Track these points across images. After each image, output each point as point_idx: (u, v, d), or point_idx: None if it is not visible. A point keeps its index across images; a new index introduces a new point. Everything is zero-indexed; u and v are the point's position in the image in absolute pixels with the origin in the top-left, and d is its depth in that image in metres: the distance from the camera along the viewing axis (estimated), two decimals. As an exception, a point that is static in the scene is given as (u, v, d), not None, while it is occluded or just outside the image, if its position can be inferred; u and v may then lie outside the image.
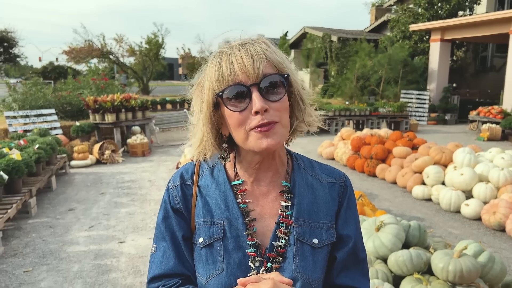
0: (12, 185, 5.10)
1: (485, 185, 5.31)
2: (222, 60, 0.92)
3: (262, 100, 0.89)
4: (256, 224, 1.00)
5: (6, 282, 3.61)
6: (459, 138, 11.79)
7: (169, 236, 1.04)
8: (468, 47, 19.53)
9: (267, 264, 0.97)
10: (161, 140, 11.50)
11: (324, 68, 23.97)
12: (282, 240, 0.98)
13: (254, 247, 0.97)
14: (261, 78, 0.90)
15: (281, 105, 0.93)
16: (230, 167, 1.06)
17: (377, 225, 3.02)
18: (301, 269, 0.97)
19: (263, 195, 1.03)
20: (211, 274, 0.97)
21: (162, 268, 1.03)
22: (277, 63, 0.94)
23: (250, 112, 0.90)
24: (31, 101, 9.91)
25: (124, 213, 5.43)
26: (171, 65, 69.24)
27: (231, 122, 0.94)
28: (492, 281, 2.77)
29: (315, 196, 1.04)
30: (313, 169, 1.10)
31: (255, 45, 0.93)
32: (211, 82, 0.93)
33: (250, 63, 0.89)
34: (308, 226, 1.00)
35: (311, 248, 0.99)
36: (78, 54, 22.15)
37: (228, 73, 0.90)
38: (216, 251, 0.98)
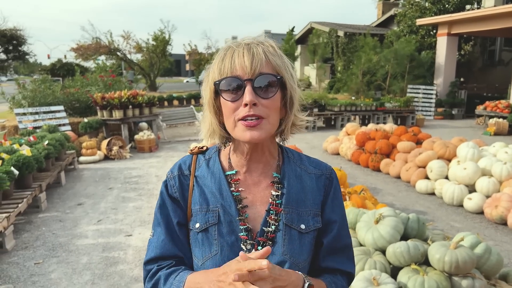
0: (22, 180, 5.23)
1: (488, 179, 5.34)
2: (227, 54, 1.02)
3: (253, 94, 0.98)
4: (248, 210, 1.09)
5: (17, 273, 3.75)
6: (465, 133, 11.76)
7: (164, 223, 1.13)
8: (476, 41, 19.38)
9: (257, 247, 1.05)
10: (168, 136, 11.63)
11: (330, 63, 23.95)
12: (272, 225, 1.07)
13: (246, 231, 1.06)
14: (257, 75, 0.99)
15: (271, 103, 1.01)
16: (225, 158, 1.15)
17: (376, 217, 3.09)
18: (289, 251, 1.05)
19: (255, 184, 1.12)
20: (207, 256, 1.07)
21: (157, 251, 1.12)
22: (275, 65, 1.02)
23: (241, 103, 0.99)
24: (40, 98, 10.07)
25: (131, 207, 5.55)
26: (178, 62, 69.36)
27: (224, 111, 1.03)
28: (489, 272, 2.83)
29: (303, 186, 1.13)
30: (302, 162, 1.18)
31: (259, 46, 1.02)
32: (213, 72, 1.04)
33: (249, 60, 0.98)
34: (296, 213, 1.09)
35: (298, 233, 1.08)
36: (86, 51, 22.36)
37: (228, 66, 1.00)
38: (211, 235, 1.07)
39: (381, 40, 18.39)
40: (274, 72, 1.02)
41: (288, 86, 1.06)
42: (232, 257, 1.02)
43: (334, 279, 1.14)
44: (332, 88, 20.48)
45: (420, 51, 17.84)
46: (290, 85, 1.06)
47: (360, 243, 3.15)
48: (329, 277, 1.14)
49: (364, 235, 3.09)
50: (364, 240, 3.08)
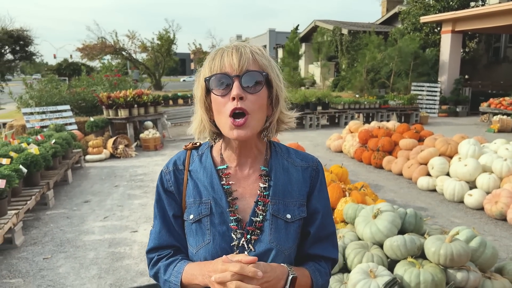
0: (30, 178, 5.36)
1: (488, 176, 5.39)
2: (217, 54, 1.11)
3: (240, 89, 1.07)
4: (238, 202, 1.18)
5: (27, 268, 3.86)
6: (469, 130, 11.78)
7: (161, 215, 1.24)
8: (481, 38, 19.32)
9: (247, 235, 1.14)
10: (173, 134, 11.75)
11: (335, 61, 23.96)
12: (260, 216, 1.16)
13: (236, 222, 1.15)
14: (244, 72, 1.08)
15: (257, 98, 1.09)
16: (217, 154, 1.24)
17: (374, 212, 3.17)
18: (275, 239, 1.14)
19: (244, 178, 1.21)
20: (200, 244, 1.16)
21: (156, 242, 1.24)
22: (262, 64, 1.11)
23: (229, 98, 1.08)
24: (47, 97, 10.22)
25: (137, 204, 5.66)
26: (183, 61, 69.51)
27: (214, 107, 1.12)
28: (484, 264, 2.90)
29: (289, 178, 1.22)
30: (289, 155, 1.27)
31: (247, 47, 1.11)
32: (204, 70, 1.13)
33: (237, 58, 1.07)
34: (283, 204, 1.18)
35: (284, 222, 1.17)
36: (91, 51, 22.55)
37: (218, 64, 1.09)
38: (204, 225, 1.16)
39: (385, 38, 18.39)
40: (260, 70, 1.10)
41: (274, 84, 1.14)
42: (224, 246, 1.13)
43: (318, 267, 1.23)
44: (336, 86, 20.51)
45: (424, 48, 17.82)
46: (276, 83, 1.14)
47: (359, 237, 3.23)
48: (313, 264, 1.23)
49: (362, 229, 3.17)
50: (362, 234, 3.16)
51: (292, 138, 10.23)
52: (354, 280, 2.65)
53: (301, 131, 12.44)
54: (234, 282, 0.97)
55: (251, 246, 1.13)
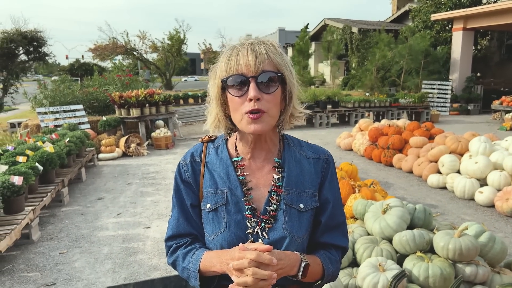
0: (46, 175, 5.49)
1: (499, 173, 5.38)
2: (233, 53, 1.15)
3: (257, 90, 1.12)
4: (252, 192, 1.24)
5: (44, 262, 3.98)
6: (481, 128, 11.69)
7: (179, 205, 1.30)
8: (493, 36, 19.11)
9: (261, 224, 1.20)
10: (184, 133, 11.86)
11: (345, 59, 23.89)
12: (274, 205, 1.21)
13: (250, 210, 1.21)
14: (260, 72, 1.12)
15: (272, 97, 1.15)
16: (232, 146, 1.30)
17: (383, 208, 3.21)
18: (289, 228, 1.20)
19: (258, 169, 1.26)
20: (217, 232, 1.22)
21: (175, 230, 1.30)
22: (277, 63, 1.15)
23: (246, 98, 1.13)
24: (61, 97, 10.39)
25: (149, 201, 5.76)
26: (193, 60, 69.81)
27: (231, 105, 1.17)
28: (493, 259, 2.92)
29: (302, 170, 1.27)
30: (301, 148, 1.33)
31: (262, 46, 1.15)
32: (220, 70, 1.17)
33: (253, 59, 1.11)
34: (296, 194, 1.23)
35: (297, 212, 1.22)
36: (103, 51, 22.80)
37: (234, 65, 1.13)
38: (220, 214, 1.22)
39: (396, 36, 18.30)
40: (275, 70, 1.14)
41: (287, 81, 1.19)
42: (239, 233, 1.19)
43: (329, 255, 1.29)
44: (346, 84, 20.47)
45: (435, 46, 17.69)
46: (289, 80, 1.19)
47: (368, 232, 3.27)
48: (324, 253, 1.28)
49: (371, 224, 3.21)
50: (371, 230, 3.20)
51: (302, 136, 10.25)
52: (363, 273, 2.70)
53: (311, 129, 12.46)
54: (251, 269, 1.03)
55: (266, 234, 1.19)
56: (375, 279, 2.64)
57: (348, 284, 2.82)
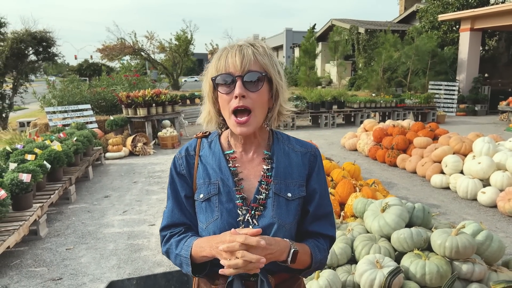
0: (54, 173, 5.61)
1: (502, 173, 5.39)
2: (222, 54, 1.25)
3: (242, 88, 1.21)
4: (243, 182, 1.32)
5: (51, 258, 4.08)
6: (487, 129, 11.64)
7: (173, 196, 1.39)
8: (501, 36, 18.98)
9: (251, 211, 1.28)
10: (190, 133, 11.95)
11: (352, 60, 23.89)
12: (263, 194, 1.29)
13: (241, 199, 1.29)
14: (246, 72, 1.21)
15: (257, 95, 1.24)
16: (225, 140, 1.39)
17: (382, 206, 3.25)
18: (277, 215, 1.28)
19: (249, 161, 1.35)
20: (210, 220, 1.30)
21: (169, 220, 1.39)
22: (263, 64, 1.25)
23: (233, 96, 1.22)
24: (69, 97, 10.55)
25: (154, 199, 5.85)
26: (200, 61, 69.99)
27: (221, 102, 1.27)
28: (490, 258, 2.96)
29: (290, 162, 1.36)
30: (290, 142, 1.42)
31: (250, 48, 1.24)
32: (211, 69, 1.28)
33: (240, 60, 1.21)
34: (284, 184, 1.31)
35: (285, 200, 1.30)
36: (111, 51, 23.03)
37: (223, 65, 1.23)
38: (213, 203, 1.30)
39: (403, 37, 18.26)
40: (261, 70, 1.23)
41: (274, 81, 1.27)
42: (230, 221, 1.27)
43: (317, 243, 1.36)
44: (353, 85, 20.47)
45: (442, 47, 17.62)
46: (276, 80, 1.28)
47: (367, 230, 3.32)
48: (313, 241, 1.36)
49: (370, 222, 3.26)
50: (370, 228, 3.25)
51: (307, 136, 10.31)
52: (361, 270, 2.75)
53: (317, 129, 12.50)
54: (241, 252, 1.11)
55: (255, 221, 1.27)
56: (372, 275, 2.69)
57: (346, 280, 2.88)
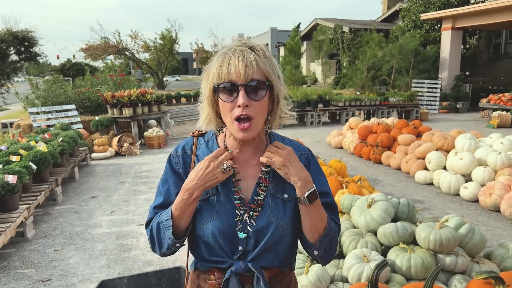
0: (39, 174, 5.55)
1: (483, 169, 5.54)
2: (224, 60, 1.23)
3: (245, 97, 1.21)
4: (241, 183, 1.34)
5: (39, 259, 4.05)
6: (468, 126, 11.90)
7: (165, 193, 1.39)
8: (481, 35, 19.40)
9: (249, 212, 1.31)
10: (176, 132, 11.93)
11: (336, 59, 24.09)
12: (261, 195, 1.32)
13: (239, 200, 1.31)
14: (249, 81, 1.20)
15: (260, 104, 1.24)
16: (221, 141, 1.39)
17: (368, 202, 3.33)
18: (274, 215, 1.31)
19: (246, 162, 1.37)
20: (208, 219, 1.31)
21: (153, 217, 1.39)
22: (265, 71, 1.23)
23: (235, 104, 1.22)
24: (53, 97, 10.42)
25: (142, 199, 5.85)
26: (185, 60, 69.58)
27: (222, 108, 1.26)
28: (472, 250, 3.06)
29: None
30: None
31: (252, 54, 1.22)
32: (213, 75, 1.25)
33: (243, 68, 1.19)
34: (281, 186, 1.34)
35: (282, 201, 1.33)
36: (95, 51, 22.74)
37: (226, 72, 1.21)
38: (211, 203, 1.32)
39: (386, 36, 18.51)
40: (263, 77, 1.23)
41: (275, 87, 1.27)
42: (229, 220, 1.30)
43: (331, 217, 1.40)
44: (337, 83, 20.64)
45: (424, 45, 17.93)
46: (277, 86, 1.27)
47: (354, 225, 3.40)
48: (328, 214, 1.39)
49: (357, 218, 3.33)
50: (357, 223, 3.33)
51: (293, 135, 10.39)
52: (348, 264, 2.82)
53: (302, 128, 12.60)
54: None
55: (253, 221, 1.30)
56: (359, 269, 2.76)
57: (334, 274, 2.94)
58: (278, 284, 1.38)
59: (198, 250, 1.37)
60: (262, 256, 1.31)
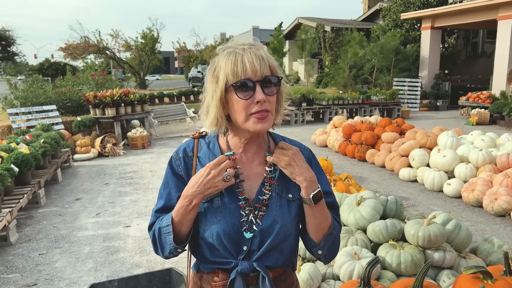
0: (22, 177, 5.43)
1: (465, 165, 5.67)
2: (237, 58, 1.22)
3: (262, 93, 1.22)
4: (244, 183, 1.33)
5: (23, 263, 3.96)
6: (448, 124, 12.14)
7: (166, 196, 1.38)
8: (459, 34, 19.82)
9: (254, 211, 1.30)
10: (160, 132, 11.83)
11: (319, 58, 24.24)
12: (266, 194, 1.32)
13: (244, 200, 1.31)
14: (264, 77, 1.22)
15: (273, 99, 1.26)
16: (223, 142, 1.38)
17: (357, 200, 3.37)
18: (279, 215, 1.31)
19: (249, 162, 1.36)
20: (213, 221, 1.30)
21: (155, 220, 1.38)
22: (272, 67, 1.26)
23: (252, 101, 1.22)
24: (32, 98, 10.20)
25: (128, 201, 5.78)
26: (167, 59, 69.02)
27: (237, 107, 1.25)
28: (459, 245, 3.13)
29: None
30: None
31: (260, 50, 1.24)
32: (226, 75, 1.23)
33: (258, 65, 1.21)
34: (286, 186, 1.34)
35: (287, 201, 1.34)
36: (74, 50, 22.38)
37: (241, 70, 1.21)
38: (215, 204, 1.31)
39: (367, 35, 18.73)
40: (273, 73, 1.26)
41: (282, 83, 1.30)
42: (234, 221, 1.29)
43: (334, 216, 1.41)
44: (320, 82, 20.79)
45: (405, 44, 18.22)
46: (283, 82, 1.30)
47: (344, 223, 3.43)
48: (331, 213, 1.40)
49: (347, 216, 3.37)
50: (347, 221, 3.36)
51: (278, 133, 10.39)
52: (339, 262, 2.85)
53: (287, 127, 12.64)
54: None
55: (259, 221, 1.29)
56: (351, 267, 2.79)
57: (325, 272, 2.97)
58: (282, 284, 1.38)
59: (201, 252, 1.37)
60: (267, 255, 1.31)
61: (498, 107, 12.15)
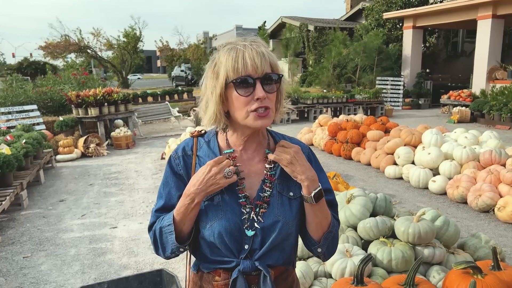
0: (3, 178, 5.30)
1: (449, 163, 5.76)
2: (238, 55, 1.21)
3: (262, 90, 1.21)
4: (245, 181, 1.32)
5: (7, 267, 3.86)
6: (431, 122, 12.34)
7: (166, 196, 1.36)
8: (440, 34, 20.17)
9: (255, 209, 1.29)
10: (144, 132, 11.69)
11: (302, 57, 24.35)
12: (267, 192, 1.31)
13: (244, 198, 1.30)
14: (264, 74, 1.21)
15: (273, 96, 1.25)
16: (222, 139, 1.37)
17: (347, 197, 3.39)
18: (281, 213, 1.30)
19: (249, 160, 1.35)
20: (214, 219, 1.28)
21: (157, 218, 1.36)
22: (273, 64, 1.25)
23: (252, 97, 1.21)
24: (12, 97, 9.97)
25: (113, 201, 5.69)
26: (149, 58, 68.32)
27: (237, 103, 1.23)
28: (448, 241, 3.17)
29: None
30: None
31: (261, 47, 1.23)
32: (226, 71, 1.21)
33: (259, 61, 1.20)
34: (286, 184, 1.33)
35: (288, 199, 1.33)
36: (54, 49, 21.94)
37: (242, 67, 1.20)
38: (216, 202, 1.30)
39: (350, 34, 18.89)
40: (274, 70, 1.25)
41: (282, 80, 1.29)
42: (235, 219, 1.28)
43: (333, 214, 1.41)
44: (304, 81, 20.89)
45: (387, 44, 18.44)
46: (282, 79, 1.29)
47: (334, 221, 3.44)
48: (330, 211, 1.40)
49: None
50: (337, 219, 3.37)
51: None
52: (331, 259, 2.85)
53: (272, 126, 12.50)
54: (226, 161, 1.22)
55: (260, 218, 1.28)
56: (343, 264, 2.80)
57: (318, 270, 2.97)
58: (283, 283, 1.37)
59: (201, 251, 1.35)
60: (268, 254, 1.30)
61: (478, 105, 12.40)
